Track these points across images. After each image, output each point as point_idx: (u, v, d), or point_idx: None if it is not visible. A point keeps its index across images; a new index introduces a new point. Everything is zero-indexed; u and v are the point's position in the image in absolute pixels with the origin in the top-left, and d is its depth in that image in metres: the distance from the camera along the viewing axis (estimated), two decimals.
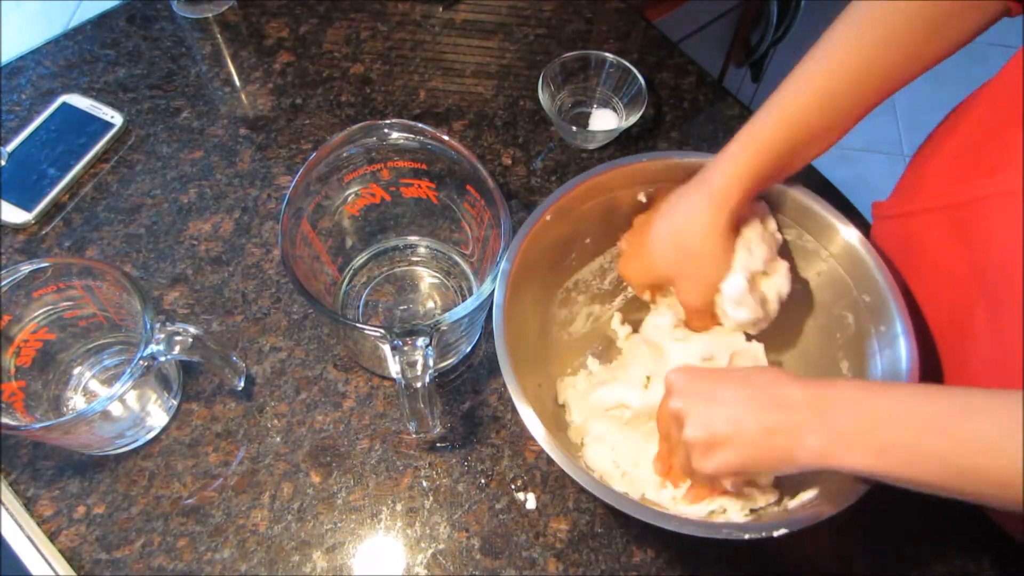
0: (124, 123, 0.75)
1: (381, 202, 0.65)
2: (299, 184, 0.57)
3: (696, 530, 0.47)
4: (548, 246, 0.59)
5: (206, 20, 0.83)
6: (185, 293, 0.68)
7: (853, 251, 0.57)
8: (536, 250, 0.57)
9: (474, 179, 0.59)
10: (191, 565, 0.57)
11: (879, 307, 0.55)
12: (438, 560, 0.58)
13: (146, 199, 0.72)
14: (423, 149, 0.60)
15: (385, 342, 0.51)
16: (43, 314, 0.58)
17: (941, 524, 0.60)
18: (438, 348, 0.59)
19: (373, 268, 0.70)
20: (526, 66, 0.83)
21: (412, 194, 0.64)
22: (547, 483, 0.61)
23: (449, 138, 0.58)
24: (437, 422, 0.56)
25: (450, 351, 0.64)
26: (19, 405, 0.58)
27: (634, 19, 0.87)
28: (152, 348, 0.53)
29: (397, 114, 0.79)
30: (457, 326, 0.56)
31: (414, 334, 0.51)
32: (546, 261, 0.60)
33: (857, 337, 0.58)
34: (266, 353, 0.65)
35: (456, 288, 0.69)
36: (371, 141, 0.59)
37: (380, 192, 0.64)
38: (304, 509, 0.59)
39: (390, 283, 0.69)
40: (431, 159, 0.61)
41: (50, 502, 0.59)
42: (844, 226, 0.57)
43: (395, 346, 0.51)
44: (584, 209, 0.60)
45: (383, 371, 0.64)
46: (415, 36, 0.84)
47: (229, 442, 0.62)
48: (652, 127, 0.80)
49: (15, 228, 0.70)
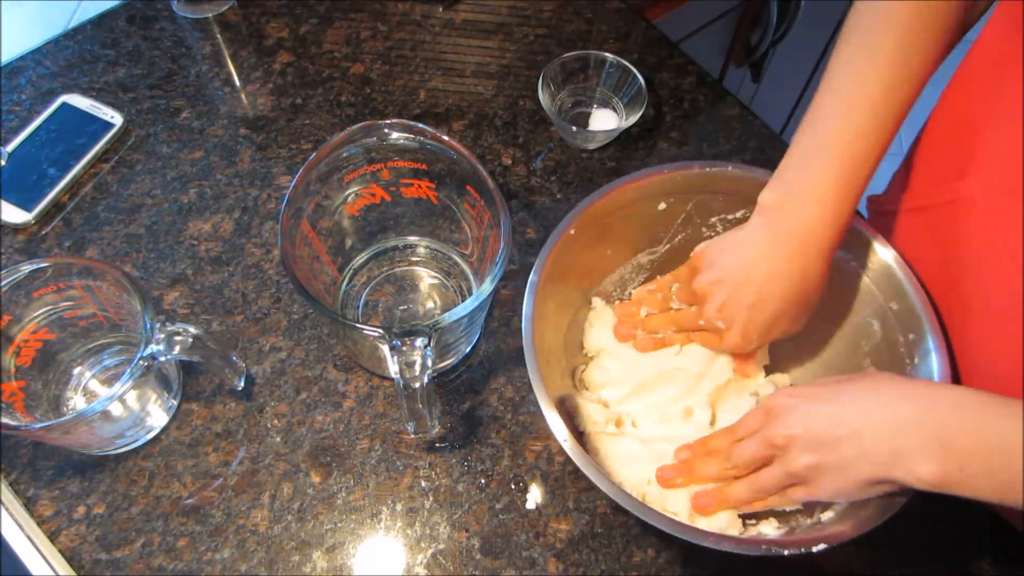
0: (124, 123, 0.75)
1: (381, 202, 0.65)
2: (299, 184, 0.57)
3: (735, 547, 0.47)
4: (573, 258, 0.59)
5: (206, 20, 0.83)
6: (185, 293, 0.68)
7: (887, 268, 0.57)
8: (561, 263, 0.57)
9: (474, 179, 0.59)
10: (191, 565, 0.57)
11: (908, 317, 0.55)
12: (438, 560, 0.58)
13: (146, 199, 0.72)
14: (423, 149, 0.60)
15: (384, 342, 0.51)
16: (43, 314, 0.58)
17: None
18: (437, 348, 0.59)
19: (373, 268, 0.70)
20: (526, 66, 0.83)
21: (412, 194, 0.64)
22: (547, 483, 0.61)
23: (449, 138, 0.58)
24: (436, 422, 0.56)
25: (449, 351, 0.64)
26: (19, 405, 0.58)
27: (634, 19, 0.87)
28: (152, 348, 0.53)
29: (397, 114, 0.79)
30: (456, 326, 0.56)
31: (413, 334, 0.51)
32: (571, 273, 0.60)
33: (885, 346, 0.57)
34: (266, 353, 0.65)
35: (456, 288, 0.69)
36: (371, 141, 0.59)
37: (380, 192, 0.64)
38: (304, 509, 0.59)
39: (390, 283, 0.69)
40: (431, 159, 0.61)
41: (50, 502, 0.59)
42: (881, 246, 0.57)
43: (394, 346, 0.51)
44: (606, 222, 0.60)
45: (383, 371, 0.65)
46: (415, 36, 0.84)
47: (229, 442, 0.62)
48: (652, 127, 0.80)
49: (15, 228, 0.70)
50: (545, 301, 0.56)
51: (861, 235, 0.57)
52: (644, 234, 0.63)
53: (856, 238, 0.58)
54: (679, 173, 0.60)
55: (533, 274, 0.55)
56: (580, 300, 0.64)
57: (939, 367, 0.52)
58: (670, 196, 0.61)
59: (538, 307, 0.54)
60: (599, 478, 0.48)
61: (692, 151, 0.78)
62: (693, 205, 0.61)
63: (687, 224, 0.63)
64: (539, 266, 0.56)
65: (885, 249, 0.57)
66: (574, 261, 0.59)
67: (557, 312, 0.60)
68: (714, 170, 0.59)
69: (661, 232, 0.64)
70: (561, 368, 0.61)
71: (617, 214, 0.60)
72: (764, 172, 0.58)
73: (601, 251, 0.62)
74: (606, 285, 0.65)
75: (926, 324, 0.53)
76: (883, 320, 0.57)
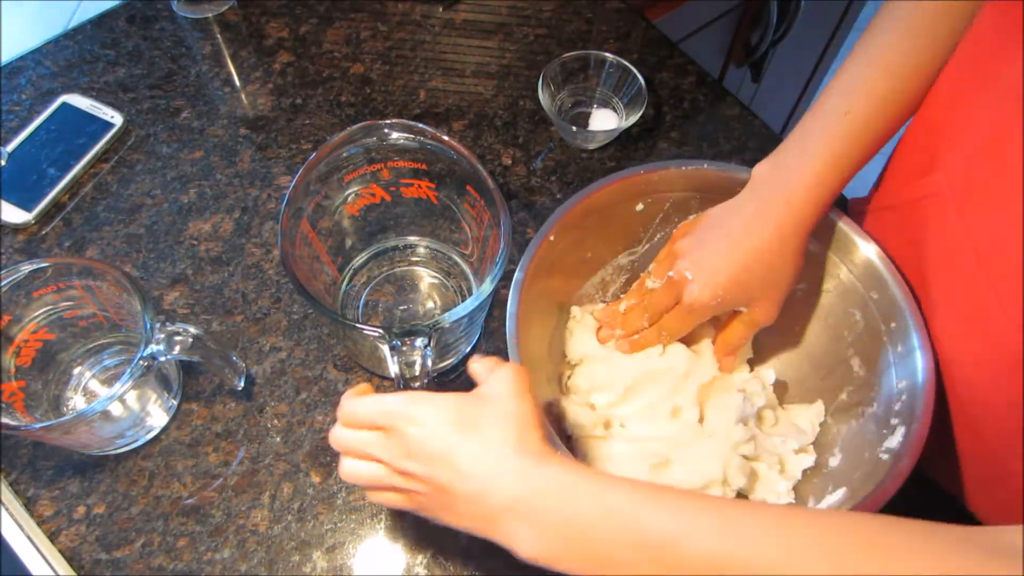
0: (124, 123, 0.75)
1: (381, 202, 0.65)
2: (299, 184, 0.57)
3: None
4: (553, 264, 0.59)
5: (206, 20, 0.83)
6: (185, 293, 0.68)
7: (867, 261, 0.57)
8: (542, 269, 0.57)
9: (474, 179, 0.59)
10: (191, 565, 0.57)
11: (888, 306, 0.55)
12: (438, 560, 0.58)
13: (146, 199, 0.72)
14: (423, 149, 0.60)
15: (384, 342, 0.51)
16: (43, 314, 0.58)
17: None
18: (437, 348, 0.59)
19: (373, 268, 0.70)
20: (526, 66, 0.83)
21: (412, 194, 0.64)
22: None
23: (449, 138, 0.58)
24: None
25: (450, 351, 0.64)
26: (19, 405, 0.58)
27: (634, 19, 0.87)
28: (152, 348, 0.53)
29: (397, 114, 0.79)
30: (456, 326, 0.56)
31: (413, 334, 0.51)
32: (552, 279, 0.60)
33: (867, 336, 0.57)
34: (266, 353, 0.65)
35: (456, 288, 0.69)
36: (371, 141, 0.59)
37: (380, 192, 0.64)
38: (304, 509, 0.59)
39: (390, 283, 0.69)
40: (431, 159, 0.61)
41: (50, 502, 0.59)
42: (862, 240, 0.57)
43: (394, 346, 0.51)
44: (584, 225, 0.60)
45: (383, 371, 0.64)
46: (415, 36, 0.84)
47: (229, 442, 0.62)
48: (652, 127, 0.80)
49: (15, 228, 0.70)
50: (528, 310, 0.55)
51: (841, 231, 0.58)
52: (623, 235, 0.63)
53: (838, 234, 0.58)
54: (655, 174, 0.60)
55: (519, 271, 0.56)
56: (562, 308, 0.64)
57: (923, 360, 0.52)
58: (647, 196, 0.61)
59: (521, 319, 0.54)
60: None
61: (692, 151, 0.78)
62: (670, 204, 0.62)
63: (665, 223, 0.63)
64: (520, 275, 0.55)
65: (867, 243, 0.57)
66: (555, 267, 0.59)
67: (540, 320, 0.60)
68: (689, 169, 0.60)
69: (640, 232, 0.64)
70: (547, 373, 0.61)
71: (594, 217, 0.60)
72: (739, 168, 0.59)
73: (581, 254, 0.62)
74: (588, 288, 0.65)
75: (907, 312, 0.54)
76: (864, 310, 0.57)
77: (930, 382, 0.51)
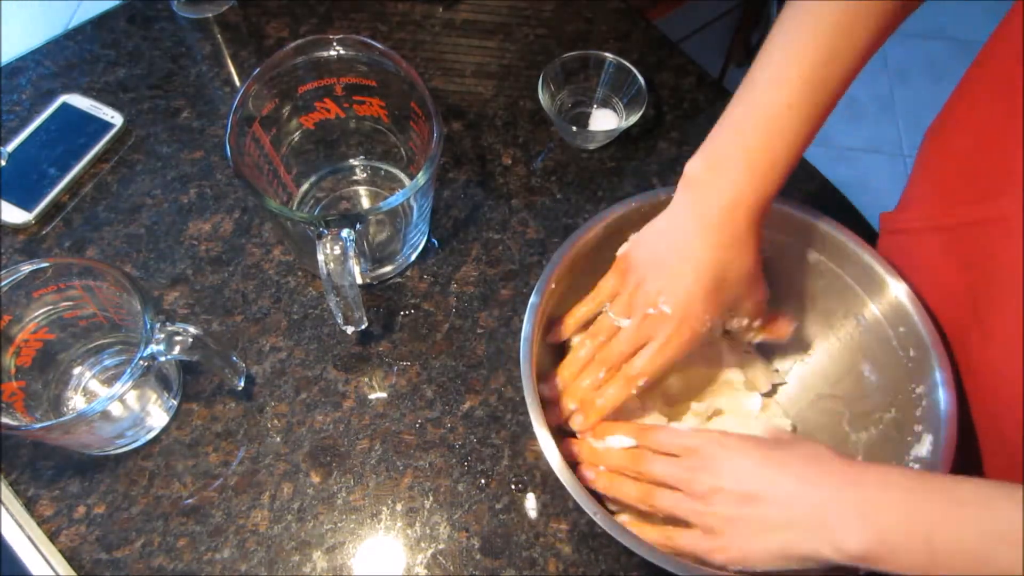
0: (124, 123, 0.75)
1: (336, 118, 0.67)
2: (250, 88, 0.59)
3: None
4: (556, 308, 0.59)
5: (206, 20, 0.83)
6: (185, 293, 0.68)
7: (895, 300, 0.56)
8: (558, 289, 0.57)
9: (417, 96, 0.60)
10: (191, 565, 0.57)
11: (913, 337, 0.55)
12: (438, 560, 0.58)
13: (146, 199, 0.72)
14: (371, 64, 0.62)
15: (313, 229, 0.53)
16: (43, 314, 0.58)
17: None
18: (372, 249, 0.63)
19: (324, 187, 0.72)
20: (526, 66, 0.83)
21: (365, 112, 0.66)
22: (547, 483, 0.61)
23: (395, 53, 0.61)
24: (363, 315, 0.58)
25: (386, 253, 0.65)
26: (19, 405, 0.58)
27: (634, 19, 0.87)
28: (152, 348, 0.53)
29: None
30: (389, 221, 0.58)
31: (340, 223, 0.53)
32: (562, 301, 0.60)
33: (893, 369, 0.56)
34: (266, 353, 0.65)
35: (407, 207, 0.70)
36: (321, 55, 0.61)
37: (335, 108, 0.66)
38: (304, 509, 0.59)
39: (345, 200, 0.72)
40: (381, 77, 0.63)
41: (50, 502, 0.59)
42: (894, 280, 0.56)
43: (321, 234, 0.52)
44: (589, 252, 0.59)
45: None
46: (415, 36, 0.84)
47: (229, 442, 0.62)
48: (652, 127, 0.80)
49: (15, 228, 0.70)
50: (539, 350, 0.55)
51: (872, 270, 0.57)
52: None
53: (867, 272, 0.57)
54: (647, 203, 0.59)
55: (534, 295, 0.55)
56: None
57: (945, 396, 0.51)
58: (633, 230, 0.58)
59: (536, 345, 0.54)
60: (584, 501, 0.48)
61: (692, 151, 0.78)
62: None
63: None
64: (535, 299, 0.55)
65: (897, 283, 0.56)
66: (557, 310, 0.59)
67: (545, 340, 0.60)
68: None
69: None
70: None
71: (586, 260, 0.59)
72: None
73: (577, 297, 0.60)
74: None
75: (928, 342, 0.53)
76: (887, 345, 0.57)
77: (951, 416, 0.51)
